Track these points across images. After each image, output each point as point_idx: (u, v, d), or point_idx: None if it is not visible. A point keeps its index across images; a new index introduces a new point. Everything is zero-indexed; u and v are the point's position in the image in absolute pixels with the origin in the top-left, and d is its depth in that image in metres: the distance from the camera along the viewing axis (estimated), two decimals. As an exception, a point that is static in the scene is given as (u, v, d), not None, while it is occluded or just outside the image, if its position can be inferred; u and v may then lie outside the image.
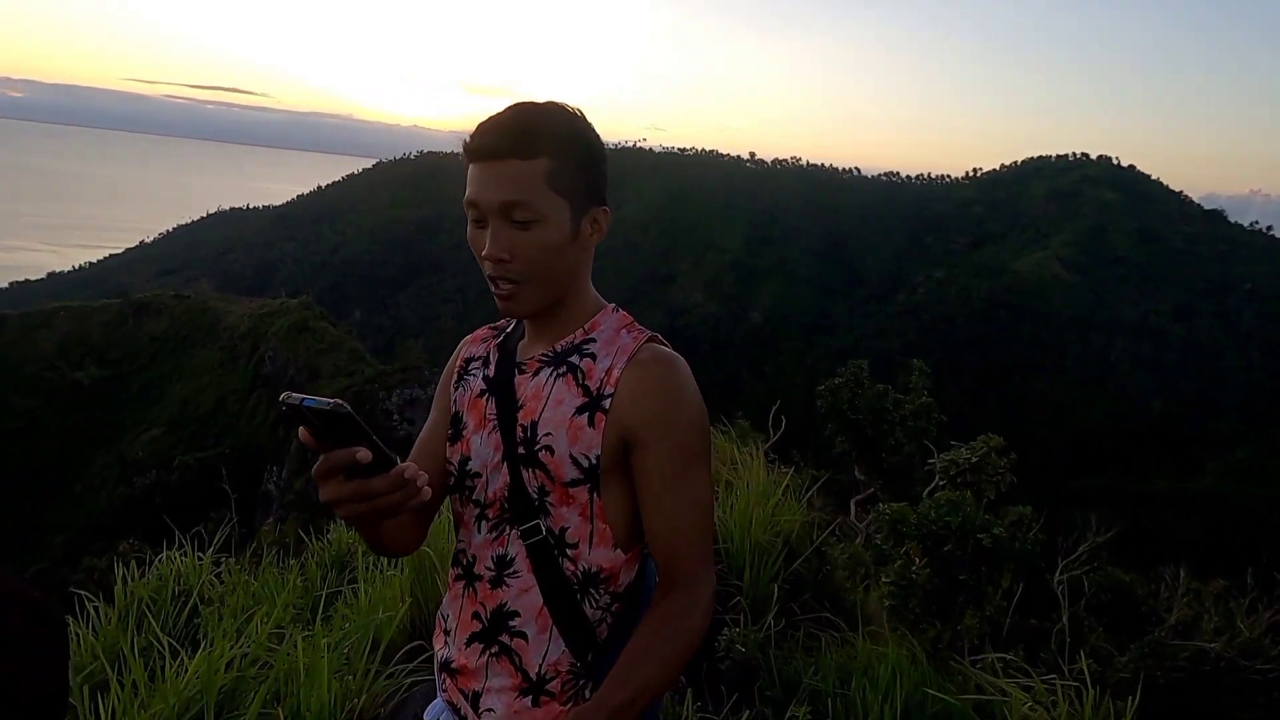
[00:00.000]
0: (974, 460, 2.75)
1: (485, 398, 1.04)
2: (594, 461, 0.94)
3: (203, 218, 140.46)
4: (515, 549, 0.97)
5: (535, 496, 0.96)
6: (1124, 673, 3.76)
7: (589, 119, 0.98)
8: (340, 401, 0.72)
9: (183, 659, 1.91)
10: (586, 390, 0.96)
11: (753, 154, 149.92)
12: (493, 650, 0.98)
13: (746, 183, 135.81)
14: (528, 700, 0.96)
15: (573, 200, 0.96)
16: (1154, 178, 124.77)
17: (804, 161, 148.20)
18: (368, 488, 0.77)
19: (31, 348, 50.83)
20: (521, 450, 0.97)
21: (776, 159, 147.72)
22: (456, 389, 1.09)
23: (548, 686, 0.96)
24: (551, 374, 0.99)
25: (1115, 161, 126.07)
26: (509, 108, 0.96)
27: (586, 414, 0.95)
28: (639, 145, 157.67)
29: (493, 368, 1.06)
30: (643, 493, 0.95)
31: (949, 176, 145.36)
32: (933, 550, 2.40)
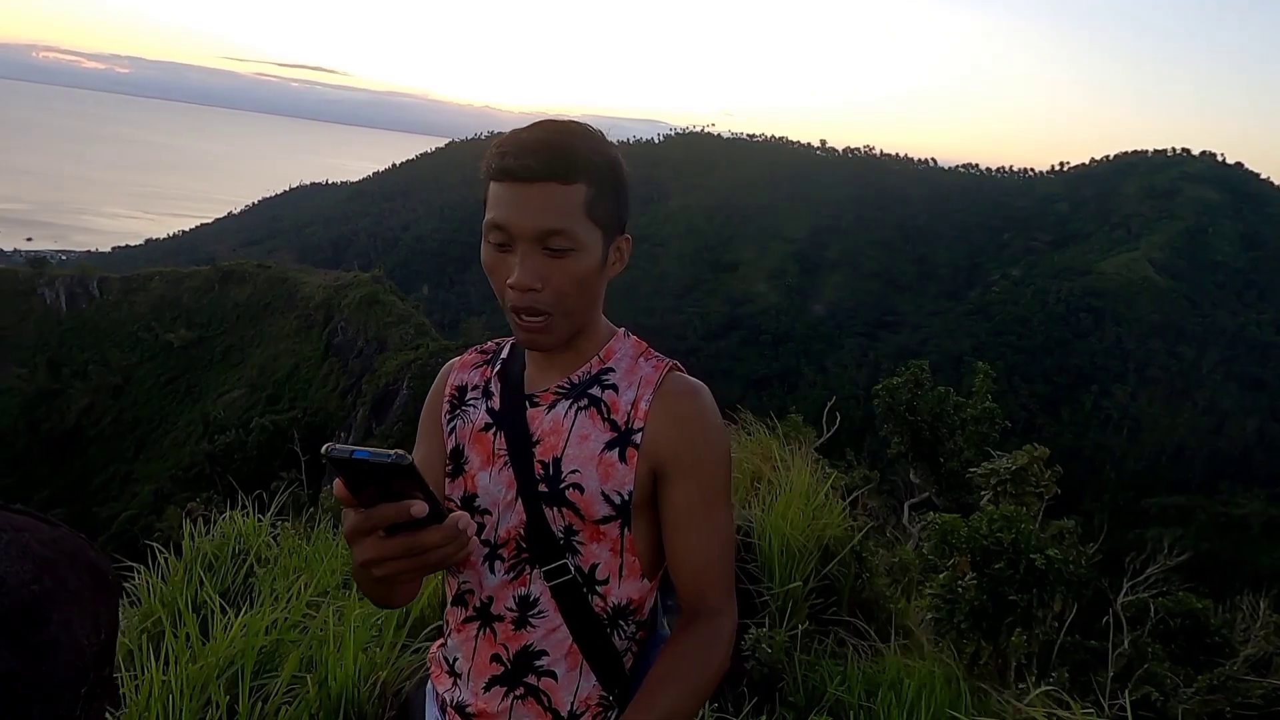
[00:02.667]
0: (1013, 469, 2.61)
1: (492, 431, 0.98)
2: (626, 498, 0.92)
3: (285, 191, 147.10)
4: (539, 589, 0.94)
5: (561, 535, 0.93)
6: (1188, 704, 3.53)
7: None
8: (402, 452, 0.68)
9: (230, 617, 2.01)
10: (614, 425, 0.93)
11: (823, 142, 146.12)
12: (518, 693, 0.94)
13: (815, 171, 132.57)
14: None
15: (606, 229, 0.92)
16: (1263, 177, 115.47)
17: (877, 151, 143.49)
18: (419, 542, 0.72)
19: (130, 309, 54.56)
20: (544, 488, 0.93)
21: (848, 148, 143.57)
22: (452, 420, 1.02)
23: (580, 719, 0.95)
24: (570, 407, 0.95)
25: (1220, 158, 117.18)
26: (539, 126, 0.90)
27: (617, 450, 0.92)
28: (708, 130, 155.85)
29: (497, 399, 0.99)
30: (670, 525, 0.93)
31: (1032, 170, 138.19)
32: (983, 566, 2.30)
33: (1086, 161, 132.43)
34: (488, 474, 0.97)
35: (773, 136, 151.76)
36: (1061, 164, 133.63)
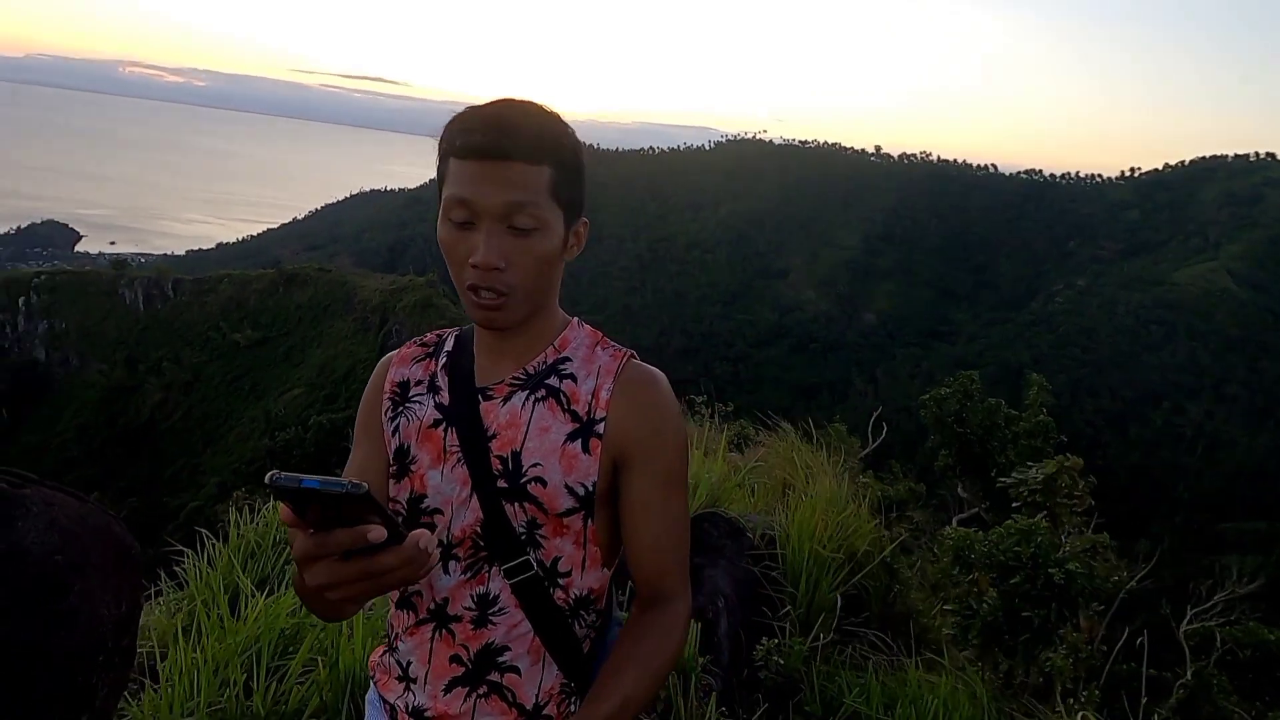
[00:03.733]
0: (1041, 479, 2.49)
1: (442, 427, 0.94)
2: (590, 489, 0.91)
3: (346, 198, 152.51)
4: (498, 586, 0.92)
5: (523, 530, 0.91)
6: (1257, 741, 3.30)
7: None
8: (358, 482, 0.63)
9: (259, 600, 2.09)
10: (575, 415, 0.92)
11: (878, 148, 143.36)
12: (480, 691, 0.93)
13: (869, 177, 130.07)
14: None
15: (568, 211, 0.91)
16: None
17: (934, 157, 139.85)
18: (377, 566, 0.67)
19: (201, 309, 57.39)
20: (504, 484, 0.91)
21: (904, 153, 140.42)
22: (395, 418, 0.98)
23: (544, 712, 0.95)
24: (528, 399, 0.93)
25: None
26: (502, 104, 0.88)
27: (579, 440, 0.91)
28: (758, 137, 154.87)
29: (445, 394, 0.96)
30: (629, 514, 0.93)
31: (1100, 176, 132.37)
32: (1000, 581, 2.21)
33: (1160, 167, 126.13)
34: (439, 472, 0.94)
35: (824, 143, 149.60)
36: (1133, 169, 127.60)
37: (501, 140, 0.85)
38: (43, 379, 53.81)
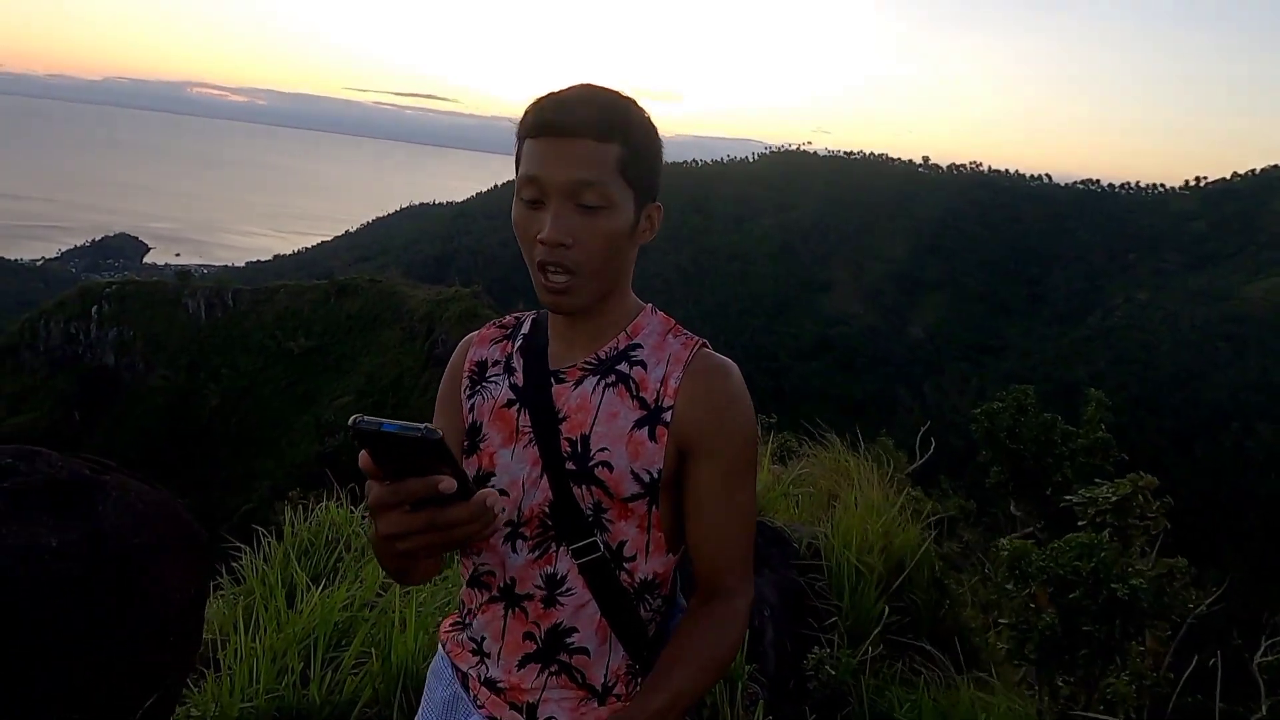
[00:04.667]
0: (1115, 499, 2.37)
1: (515, 408, 0.96)
2: (655, 476, 0.91)
3: (396, 211, 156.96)
4: (566, 566, 0.93)
5: (590, 513, 0.92)
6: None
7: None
8: (431, 427, 0.66)
9: (314, 595, 2.15)
10: (643, 403, 0.92)
11: (926, 158, 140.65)
12: (552, 669, 0.95)
13: (917, 189, 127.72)
14: (594, 703, 0.96)
15: (639, 192, 0.90)
16: None
17: (985, 167, 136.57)
18: (444, 518, 0.70)
19: (257, 318, 59.64)
20: (572, 466, 0.92)
21: (953, 164, 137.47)
22: (472, 396, 1.00)
23: (613, 692, 0.96)
24: (598, 384, 0.93)
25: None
26: (576, 86, 0.89)
27: (646, 428, 0.91)
28: (802, 148, 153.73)
29: (519, 375, 0.97)
30: (692, 503, 0.93)
31: (1162, 186, 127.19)
32: (1058, 595, 2.12)
33: (1228, 176, 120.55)
34: (509, 451, 0.95)
35: (871, 154, 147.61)
36: (1198, 179, 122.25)
37: (569, 117, 0.85)
38: (111, 384, 56.55)
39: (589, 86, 0.89)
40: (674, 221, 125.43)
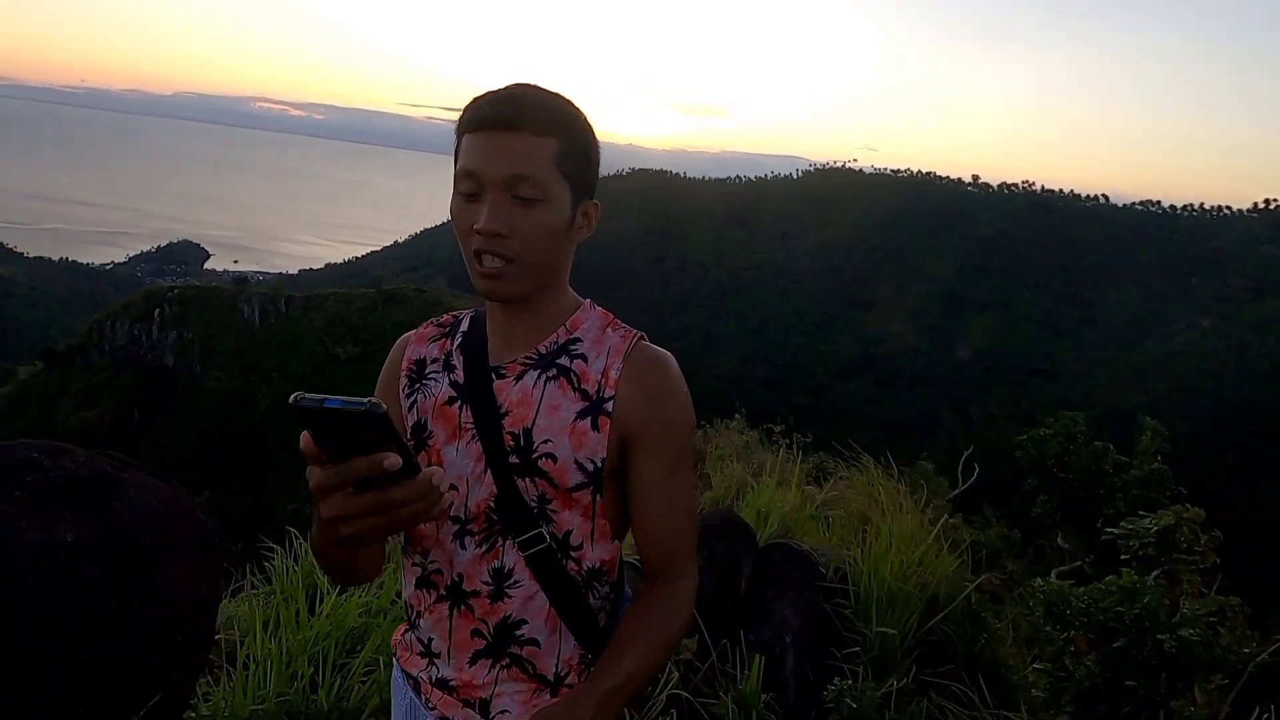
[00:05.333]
0: (1156, 530, 2.22)
1: (457, 405, 0.96)
2: (599, 465, 0.92)
3: (443, 223, 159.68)
4: (513, 559, 0.94)
5: (535, 505, 0.93)
6: None
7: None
8: (376, 400, 0.63)
9: (331, 598, 2.15)
10: (585, 394, 0.93)
11: (976, 177, 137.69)
12: (503, 663, 0.96)
13: (965, 207, 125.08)
14: (546, 694, 0.97)
15: (575, 187, 0.92)
16: None
17: (1038, 186, 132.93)
18: (390, 498, 0.69)
19: (308, 324, 61.59)
20: (515, 459, 0.93)
21: (1004, 183, 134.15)
22: (411, 394, 1.00)
23: (565, 682, 0.97)
24: (539, 377, 0.95)
25: None
26: (513, 84, 0.91)
27: (589, 418, 0.93)
28: (848, 165, 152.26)
29: (460, 372, 0.98)
30: (636, 492, 0.95)
31: (1228, 208, 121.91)
32: (1100, 644, 1.98)
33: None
34: (454, 448, 0.95)
35: (918, 172, 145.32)
36: (1267, 201, 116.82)
37: (507, 111, 0.87)
38: (169, 384, 58.95)
39: (527, 84, 0.91)
40: (716, 237, 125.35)
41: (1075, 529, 7.16)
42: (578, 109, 0.93)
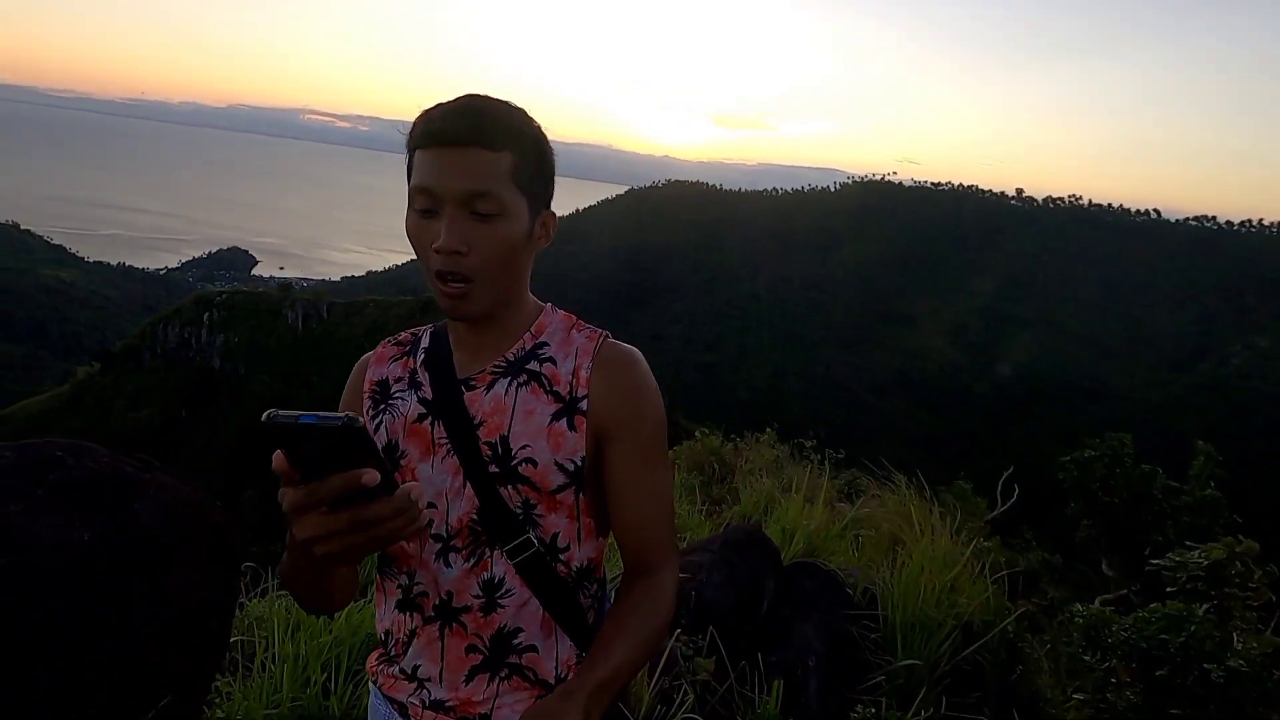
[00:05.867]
0: (1205, 564, 2.08)
1: (428, 421, 0.95)
2: (579, 464, 0.93)
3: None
4: (502, 569, 0.93)
5: (520, 511, 0.92)
6: None
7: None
8: (353, 415, 0.61)
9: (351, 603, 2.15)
10: (557, 396, 0.94)
11: (1020, 190, 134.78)
12: (502, 675, 0.95)
13: (1008, 221, 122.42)
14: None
15: (531, 199, 0.91)
16: None
17: (1085, 201, 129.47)
18: (368, 515, 0.66)
19: (349, 330, 63.06)
20: (495, 469, 0.92)
21: (1049, 197, 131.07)
22: (377, 416, 0.98)
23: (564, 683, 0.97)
24: (510, 384, 0.94)
25: None
26: (464, 97, 0.90)
27: (565, 419, 0.93)
28: (887, 179, 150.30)
29: (428, 388, 0.97)
30: (612, 488, 0.95)
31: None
32: (1143, 673, 1.87)
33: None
34: (429, 464, 0.94)
35: (959, 185, 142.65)
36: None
37: (460, 127, 0.86)
38: (216, 385, 60.87)
39: (478, 96, 0.90)
40: (752, 249, 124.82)
41: (1120, 556, 6.89)
42: (530, 119, 0.92)
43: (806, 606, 2.38)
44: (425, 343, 1.02)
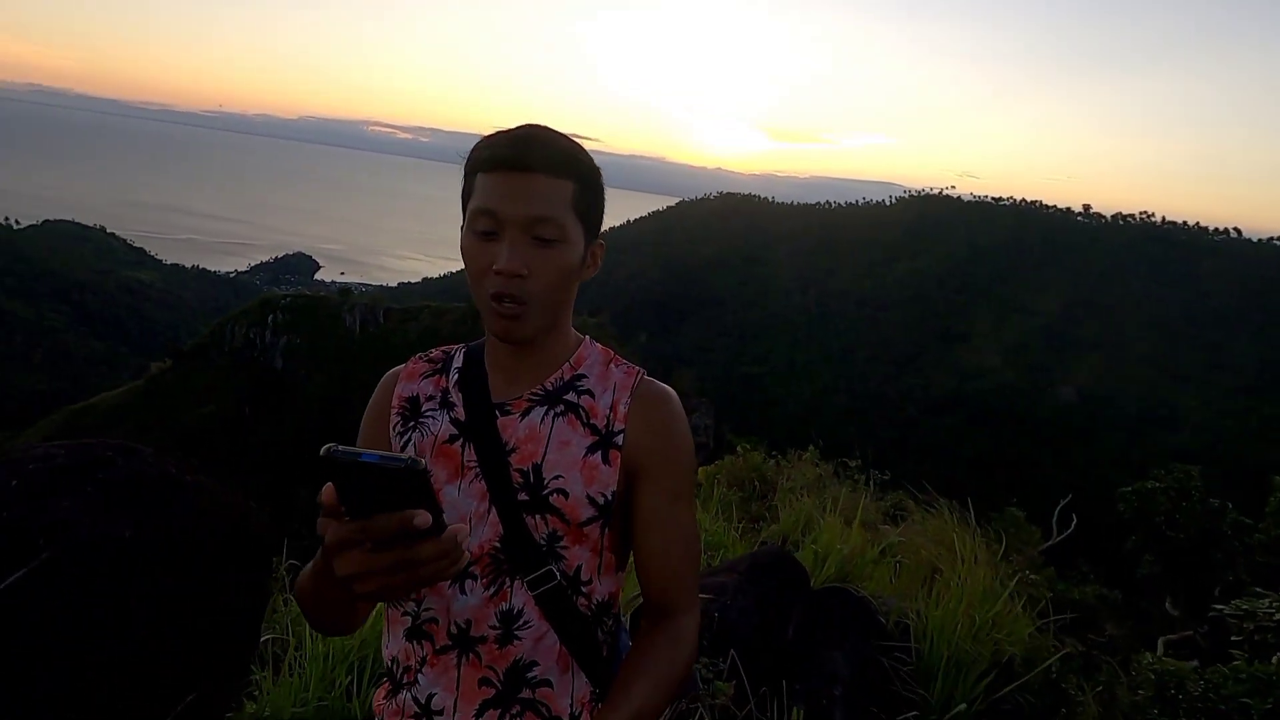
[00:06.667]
0: (1278, 617, 1.92)
1: (459, 443, 0.94)
2: (609, 498, 0.92)
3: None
4: (522, 600, 0.91)
5: (544, 542, 0.91)
6: None
7: None
8: (415, 458, 0.61)
9: (380, 606, 2.21)
10: (594, 429, 0.94)
11: (1087, 206, 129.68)
12: (514, 711, 0.92)
13: (1074, 238, 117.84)
14: None
15: (587, 228, 0.94)
16: None
17: (1157, 218, 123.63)
18: (414, 556, 0.65)
19: (402, 335, 64.88)
20: (525, 496, 0.91)
21: (1119, 214, 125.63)
22: (405, 433, 0.98)
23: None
24: (547, 414, 0.94)
25: None
26: (526, 126, 0.92)
27: (600, 452, 0.93)
28: (944, 193, 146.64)
29: (460, 409, 0.96)
30: (639, 526, 0.95)
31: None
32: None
33: None
34: (455, 487, 0.93)
35: (1022, 200, 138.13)
36: None
37: (526, 154, 0.88)
38: (277, 386, 63.35)
39: (539, 126, 0.92)
40: (802, 263, 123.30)
41: (1186, 594, 6.53)
42: (586, 152, 0.94)
43: (836, 634, 2.32)
44: (458, 362, 1.01)
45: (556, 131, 0.93)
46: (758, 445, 5.80)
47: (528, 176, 0.88)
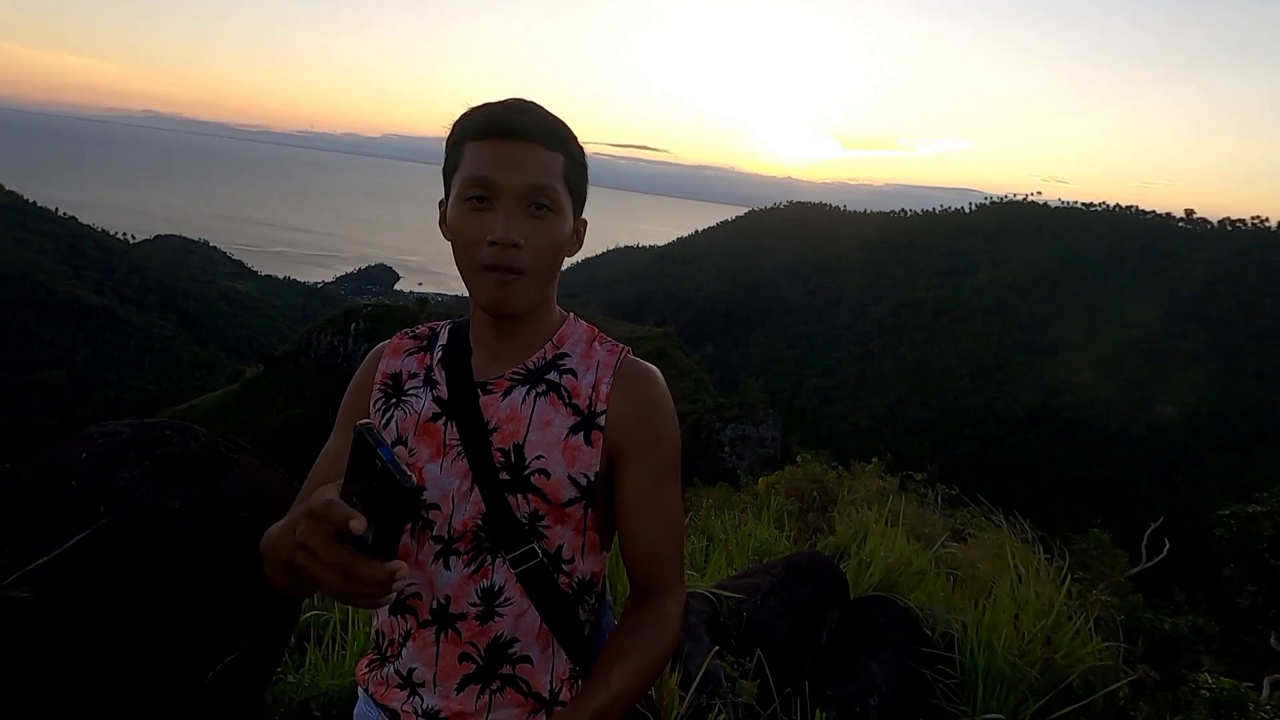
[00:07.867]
0: None
1: (442, 421, 0.94)
2: (591, 479, 0.92)
3: (602, 253, 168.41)
4: (503, 577, 0.91)
5: (526, 521, 0.91)
6: None
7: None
8: (419, 485, 0.63)
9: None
10: (576, 409, 0.93)
11: (1190, 212, 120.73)
12: (494, 686, 0.93)
13: (1175, 246, 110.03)
14: (541, 714, 0.95)
15: (575, 201, 0.93)
16: None
17: (1272, 223, 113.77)
18: (352, 566, 0.65)
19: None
20: (506, 476, 0.91)
21: (1226, 219, 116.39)
22: (388, 410, 0.97)
23: (559, 699, 0.95)
24: (528, 393, 0.93)
25: None
26: (515, 98, 0.91)
27: (582, 433, 0.92)
28: (1030, 199, 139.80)
29: (443, 387, 0.95)
30: (623, 506, 0.94)
31: None
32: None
33: None
34: (438, 465, 0.93)
35: (1116, 206, 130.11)
36: None
37: (523, 122, 0.87)
38: (358, 390, 66.43)
39: (526, 100, 0.91)
40: (874, 273, 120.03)
41: (1294, 630, 5.97)
42: (571, 128, 0.94)
43: (876, 643, 2.26)
44: (444, 339, 1.01)
45: (541, 106, 0.92)
46: (822, 457, 5.69)
47: (526, 145, 0.87)
